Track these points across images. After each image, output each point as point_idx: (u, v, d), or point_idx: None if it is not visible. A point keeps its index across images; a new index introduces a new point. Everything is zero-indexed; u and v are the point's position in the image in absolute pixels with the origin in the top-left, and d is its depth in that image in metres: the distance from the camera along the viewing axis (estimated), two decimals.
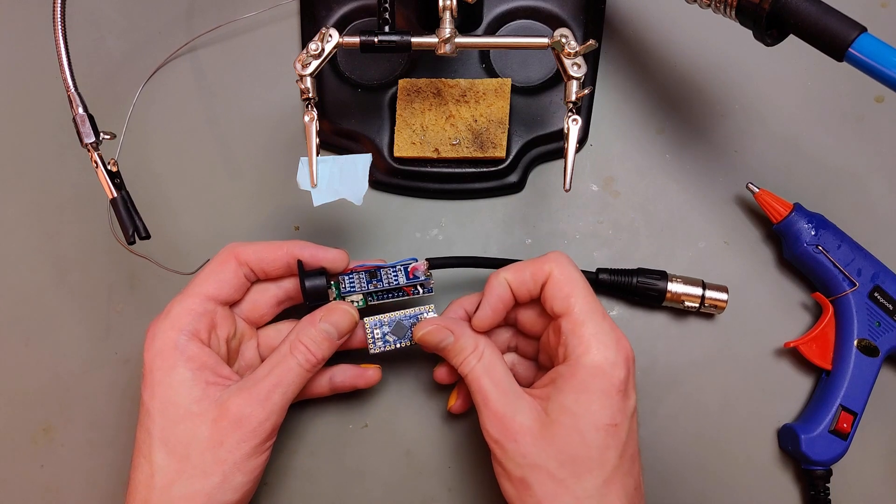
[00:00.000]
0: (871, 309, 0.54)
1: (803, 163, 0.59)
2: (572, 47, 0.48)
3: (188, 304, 0.48)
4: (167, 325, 0.48)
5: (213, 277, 0.49)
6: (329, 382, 0.53)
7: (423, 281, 0.52)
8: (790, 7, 0.44)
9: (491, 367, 0.48)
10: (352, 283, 0.52)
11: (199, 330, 0.48)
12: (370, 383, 0.54)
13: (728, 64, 0.61)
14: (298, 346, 0.49)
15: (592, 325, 0.46)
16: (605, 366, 0.45)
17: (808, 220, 0.54)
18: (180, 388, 0.46)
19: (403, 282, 0.52)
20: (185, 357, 0.47)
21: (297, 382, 0.49)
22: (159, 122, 0.61)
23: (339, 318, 0.50)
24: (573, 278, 0.48)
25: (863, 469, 0.55)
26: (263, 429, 0.47)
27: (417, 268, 0.52)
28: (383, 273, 0.52)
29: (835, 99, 0.61)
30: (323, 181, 0.50)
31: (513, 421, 0.46)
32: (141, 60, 0.62)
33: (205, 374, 0.47)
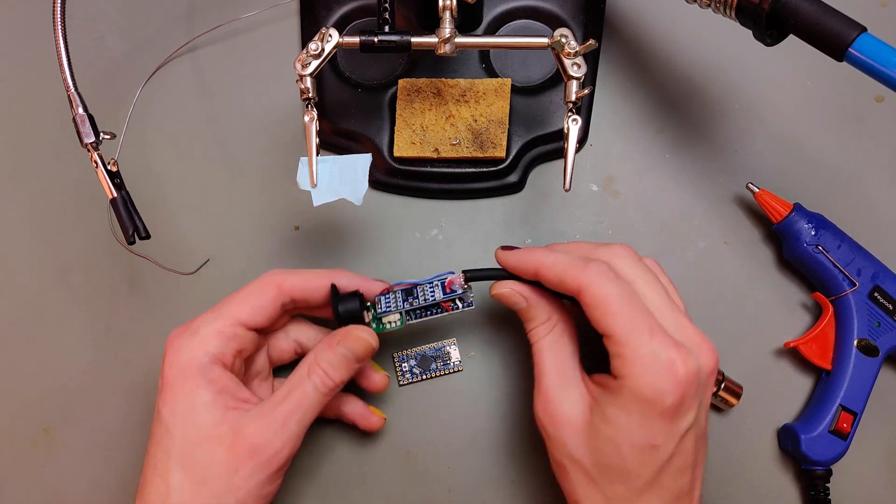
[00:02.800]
0: (871, 309, 0.54)
1: (803, 163, 0.59)
2: (572, 47, 0.48)
3: (219, 326, 0.48)
4: (194, 345, 0.47)
5: (249, 303, 0.48)
6: (338, 409, 0.53)
7: (461, 295, 0.50)
8: (790, 7, 0.44)
9: (557, 344, 0.47)
10: (388, 304, 0.51)
11: (224, 354, 0.47)
12: (371, 429, 0.54)
13: (728, 64, 0.61)
14: (316, 369, 0.48)
15: (636, 348, 0.42)
16: (650, 392, 0.42)
17: (808, 220, 0.54)
18: (202, 411, 0.46)
19: (440, 297, 0.50)
20: (207, 380, 0.46)
21: (315, 408, 0.47)
22: (159, 122, 0.61)
23: (354, 344, 0.49)
24: (607, 298, 0.43)
25: (863, 469, 0.55)
26: (279, 458, 0.46)
27: (454, 281, 0.50)
28: (419, 290, 0.51)
29: (835, 99, 0.61)
30: (323, 181, 0.50)
31: (559, 408, 0.45)
32: (141, 60, 0.62)
33: (225, 398, 0.47)
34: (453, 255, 0.58)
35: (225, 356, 0.47)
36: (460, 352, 0.56)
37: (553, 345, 0.47)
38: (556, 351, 0.47)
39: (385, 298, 0.51)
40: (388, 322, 0.51)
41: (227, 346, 0.47)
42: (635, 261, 0.47)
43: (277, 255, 0.58)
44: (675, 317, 0.45)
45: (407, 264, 0.58)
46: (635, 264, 0.46)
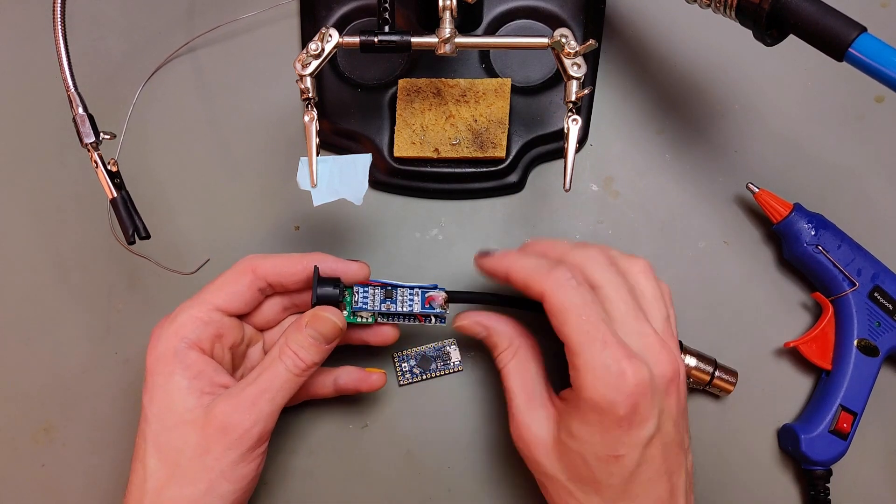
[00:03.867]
0: (871, 309, 0.54)
1: (803, 163, 0.59)
2: (572, 47, 0.48)
3: (194, 312, 0.48)
4: (171, 332, 0.47)
5: (225, 289, 0.49)
6: (333, 384, 0.53)
7: (437, 313, 0.51)
8: (790, 7, 0.44)
9: (521, 367, 0.49)
10: (364, 299, 0.50)
11: (201, 339, 0.48)
12: (374, 388, 0.53)
13: (728, 64, 0.61)
14: (286, 350, 0.48)
15: (589, 359, 0.43)
16: (602, 403, 0.42)
17: (808, 220, 0.54)
18: (176, 395, 0.46)
19: (417, 309, 0.51)
20: (183, 365, 0.47)
21: (287, 388, 0.47)
22: (159, 122, 0.61)
23: (322, 326, 0.48)
24: (566, 306, 0.44)
25: (863, 469, 0.55)
26: (250, 436, 0.46)
27: (435, 299, 0.50)
28: (399, 294, 0.51)
29: (835, 99, 0.61)
30: (323, 181, 0.50)
31: (529, 430, 0.47)
32: (141, 60, 0.62)
33: (201, 382, 0.47)
34: (453, 255, 0.58)
35: (201, 341, 0.48)
36: (460, 352, 0.56)
37: (517, 368, 0.49)
38: (520, 374, 0.48)
39: (364, 292, 0.51)
40: (360, 316, 0.51)
41: (204, 331, 0.48)
42: (606, 264, 0.47)
43: None
44: (637, 325, 0.45)
45: (407, 264, 0.58)
46: (606, 268, 0.46)
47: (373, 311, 0.50)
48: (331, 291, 0.49)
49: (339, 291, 0.49)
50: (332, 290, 0.49)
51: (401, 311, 0.51)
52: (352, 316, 0.51)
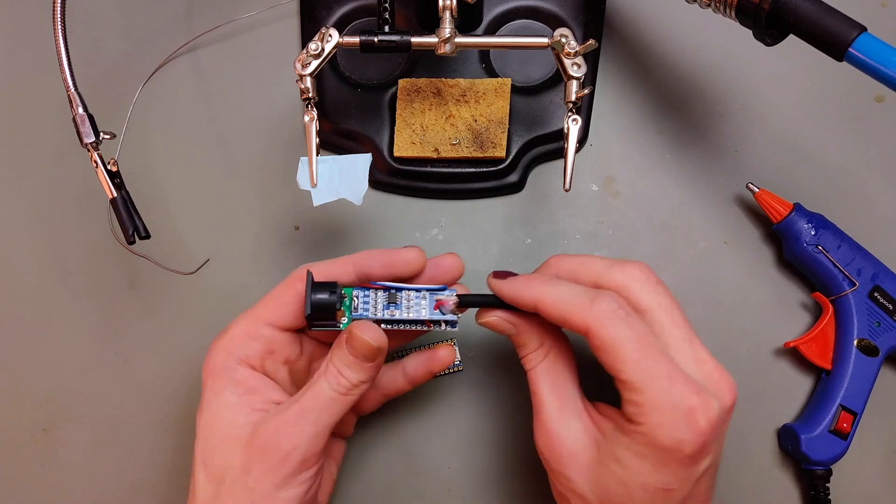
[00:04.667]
0: (870, 309, 0.54)
1: (803, 163, 0.59)
2: (572, 47, 0.48)
3: (244, 326, 0.46)
4: (220, 347, 0.46)
5: (275, 302, 0.47)
6: (404, 376, 0.51)
7: (448, 319, 0.46)
8: (790, 7, 0.44)
9: (552, 371, 0.44)
10: (366, 305, 0.46)
11: (249, 356, 0.46)
12: (444, 364, 0.50)
13: (728, 64, 0.61)
14: (330, 368, 0.45)
15: (653, 396, 0.39)
16: (668, 442, 0.39)
17: (808, 220, 0.54)
18: (224, 412, 0.45)
19: (426, 315, 0.46)
20: (233, 381, 0.45)
21: (332, 409, 0.44)
22: (159, 122, 0.61)
23: (357, 345, 0.44)
24: (619, 342, 0.40)
25: (863, 469, 0.55)
26: (291, 459, 0.43)
27: (445, 303, 0.46)
28: (404, 298, 0.46)
29: (835, 99, 0.61)
30: (323, 181, 0.50)
31: (561, 442, 0.43)
32: (141, 60, 0.62)
33: (252, 398, 0.45)
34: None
35: (250, 357, 0.46)
36: (460, 352, 0.56)
37: (548, 372, 0.44)
38: (552, 377, 0.44)
39: (364, 296, 0.46)
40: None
41: (252, 347, 0.46)
42: (653, 285, 0.43)
43: (277, 255, 0.58)
44: (692, 350, 0.42)
45: None
46: (653, 290, 0.43)
47: (375, 318, 0.46)
48: (325, 299, 0.45)
49: (335, 298, 0.45)
50: (326, 298, 0.45)
51: (406, 317, 0.46)
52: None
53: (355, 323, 0.45)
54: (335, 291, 0.45)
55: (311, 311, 0.45)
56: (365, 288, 0.47)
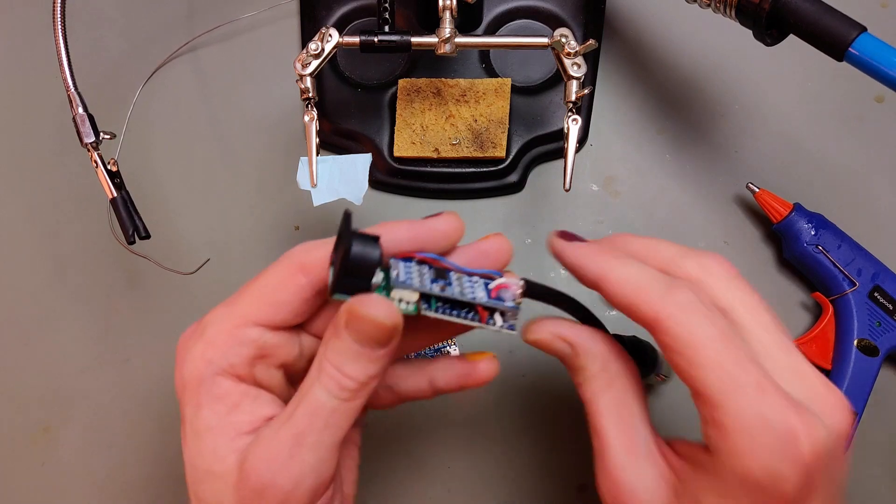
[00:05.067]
0: (871, 309, 0.54)
1: (803, 163, 0.59)
2: (572, 47, 0.48)
3: (226, 327, 0.36)
4: (197, 353, 0.35)
5: (266, 298, 0.36)
6: (430, 384, 0.40)
7: (508, 308, 0.36)
8: (790, 7, 0.44)
9: (620, 405, 0.36)
10: (408, 274, 0.35)
11: (234, 364, 0.35)
12: (482, 381, 0.40)
13: (728, 64, 0.61)
14: (326, 367, 0.34)
15: (738, 413, 0.30)
16: (761, 475, 0.30)
17: (808, 220, 0.54)
18: (205, 439, 0.35)
19: (482, 299, 0.35)
20: (211, 396, 0.35)
21: (336, 422, 0.34)
22: (159, 122, 0.61)
23: (363, 326, 0.33)
24: (697, 341, 0.32)
25: (863, 469, 0.55)
26: (295, 499, 0.34)
27: (506, 287, 0.36)
28: (454, 278, 0.36)
29: (835, 99, 0.61)
30: (323, 181, 0.50)
31: (631, 493, 0.34)
32: (141, 60, 0.62)
33: (237, 419, 0.35)
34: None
35: (236, 367, 0.35)
36: (460, 352, 0.56)
37: (613, 403, 0.36)
38: (618, 410, 0.35)
39: (406, 266, 0.36)
40: (400, 300, 0.35)
41: (238, 354, 0.35)
42: (733, 278, 0.37)
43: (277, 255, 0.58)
44: (789, 359, 0.33)
45: None
46: (733, 284, 0.36)
47: (422, 289, 0.35)
48: (366, 255, 0.33)
49: (377, 255, 0.33)
50: (370, 253, 0.33)
51: (459, 296, 0.35)
52: (387, 294, 0.35)
53: (357, 298, 0.33)
54: (376, 245, 0.34)
55: (338, 278, 0.34)
56: (407, 259, 0.36)
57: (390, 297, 0.34)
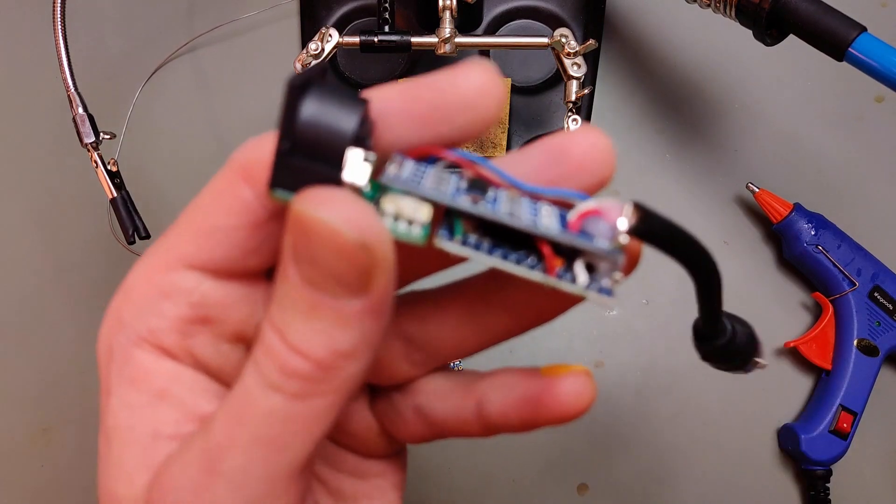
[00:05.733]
0: (871, 309, 0.54)
1: (803, 163, 0.59)
2: (572, 47, 0.48)
3: (145, 269, 0.23)
4: (110, 310, 0.23)
5: (197, 224, 0.24)
6: (478, 410, 0.26)
7: (601, 252, 0.20)
8: (790, 7, 0.44)
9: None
10: (418, 174, 0.21)
11: (157, 330, 0.23)
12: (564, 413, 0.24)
13: (728, 64, 0.61)
14: (265, 333, 0.21)
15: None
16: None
17: (808, 220, 0.54)
18: (112, 441, 0.23)
19: (554, 229, 0.20)
20: (123, 378, 0.23)
21: (276, 438, 0.20)
22: (159, 122, 0.61)
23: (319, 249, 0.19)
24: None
25: (863, 469, 0.55)
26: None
27: (601, 215, 0.21)
28: (504, 195, 0.21)
29: (835, 99, 0.61)
30: None
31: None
32: (141, 60, 0.62)
33: (158, 414, 0.23)
34: None
35: (160, 333, 0.23)
36: None
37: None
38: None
39: (417, 167, 0.21)
40: (397, 217, 0.20)
41: (162, 312, 0.23)
42: None
43: None
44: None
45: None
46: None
47: (436, 198, 0.20)
48: (333, 116, 0.20)
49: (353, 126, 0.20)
50: (337, 114, 0.20)
51: (508, 219, 0.20)
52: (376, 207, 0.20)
53: (306, 193, 0.19)
54: (359, 108, 0.20)
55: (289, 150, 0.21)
56: (425, 158, 0.22)
57: (380, 208, 0.20)
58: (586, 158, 0.22)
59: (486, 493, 0.55)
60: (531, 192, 0.22)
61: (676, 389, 0.56)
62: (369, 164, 0.20)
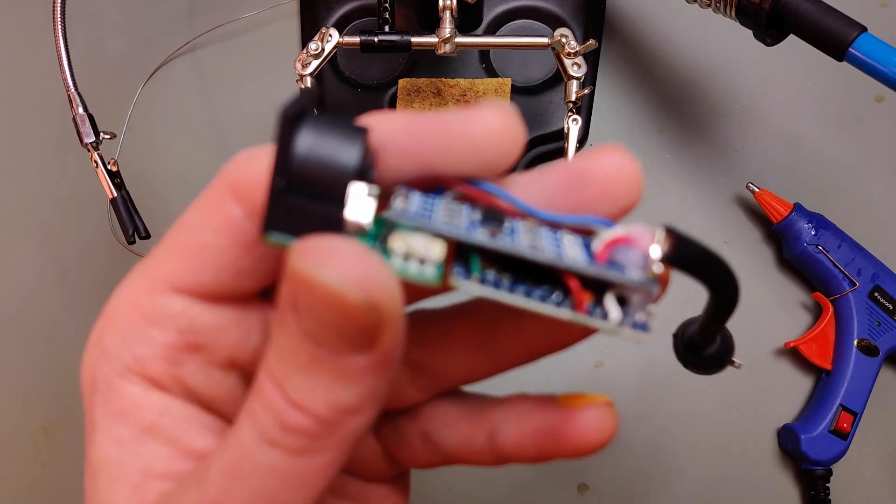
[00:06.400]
0: (871, 309, 0.54)
1: (803, 162, 0.59)
2: (572, 47, 0.48)
3: (130, 293, 0.22)
4: (93, 336, 0.22)
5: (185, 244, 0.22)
6: (490, 440, 0.24)
7: (633, 284, 0.19)
8: (790, 7, 0.44)
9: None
10: (427, 209, 0.19)
11: (144, 358, 0.21)
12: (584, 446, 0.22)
13: (728, 64, 0.61)
14: (263, 384, 0.19)
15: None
16: None
17: (808, 220, 0.54)
18: (99, 479, 0.21)
19: (580, 262, 0.19)
20: (109, 411, 0.21)
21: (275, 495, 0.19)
22: (159, 121, 0.61)
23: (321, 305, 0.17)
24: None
25: (863, 469, 0.55)
26: None
27: (630, 243, 0.19)
28: (521, 226, 0.20)
29: (835, 99, 0.61)
30: None
31: None
32: (141, 60, 0.62)
33: (148, 451, 0.21)
34: None
35: (147, 362, 0.21)
36: None
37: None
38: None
39: (426, 200, 0.20)
40: (407, 256, 0.19)
41: (149, 340, 0.21)
42: None
43: None
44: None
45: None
46: None
47: (449, 234, 0.19)
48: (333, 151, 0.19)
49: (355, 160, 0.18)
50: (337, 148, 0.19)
51: (530, 253, 0.19)
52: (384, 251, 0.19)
53: (305, 243, 0.18)
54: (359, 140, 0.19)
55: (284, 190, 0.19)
56: (433, 191, 0.20)
57: (387, 248, 0.19)
58: (611, 184, 0.21)
59: (486, 493, 0.55)
60: (551, 220, 0.20)
61: (676, 389, 0.56)
62: (373, 199, 0.18)
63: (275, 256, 0.21)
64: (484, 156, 0.20)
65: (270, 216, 0.18)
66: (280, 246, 0.19)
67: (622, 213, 0.21)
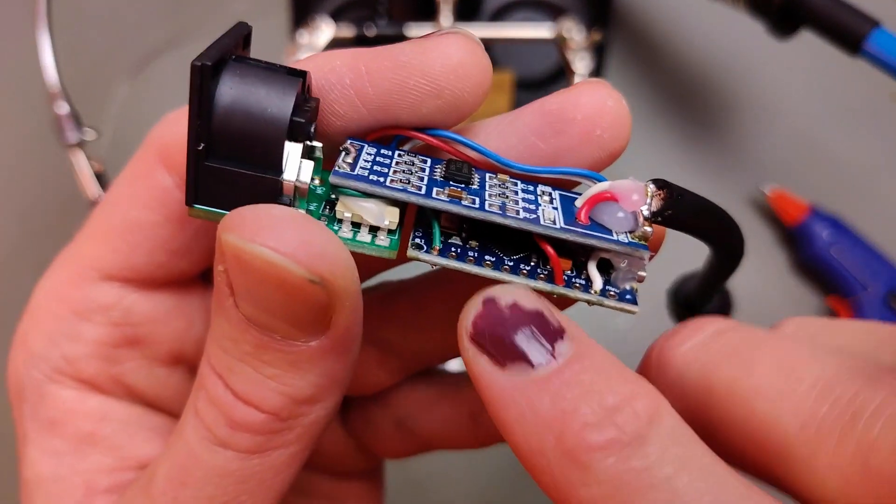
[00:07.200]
0: (886, 313, 0.53)
1: (818, 162, 0.58)
2: (577, 41, 0.48)
3: (53, 284, 0.22)
4: (17, 347, 0.22)
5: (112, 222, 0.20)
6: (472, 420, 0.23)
7: (618, 249, 0.19)
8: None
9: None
10: (380, 163, 0.17)
11: (76, 359, 0.20)
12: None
13: (739, 59, 0.60)
14: (205, 376, 0.17)
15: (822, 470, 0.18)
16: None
17: (823, 223, 0.54)
18: (35, 496, 0.21)
19: (557, 227, 0.17)
20: (40, 421, 0.20)
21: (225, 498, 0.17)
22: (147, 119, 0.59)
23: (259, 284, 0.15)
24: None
25: None
26: None
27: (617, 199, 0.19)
28: (491, 181, 0.18)
29: (849, 95, 0.60)
30: None
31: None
32: (127, 55, 0.61)
33: (88, 462, 0.19)
34: None
35: (79, 363, 0.20)
36: None
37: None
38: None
39: (378, 154, 0.18)
40: (355, 224, 0.17)
41: (79, 337, 0.20)
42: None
43: None
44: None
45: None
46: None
47: (407, 198, 0.16)
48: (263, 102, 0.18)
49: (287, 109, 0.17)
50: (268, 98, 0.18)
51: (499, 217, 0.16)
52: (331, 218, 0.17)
53: (236, 213, 0.16)
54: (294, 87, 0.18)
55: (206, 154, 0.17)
56: (385, 146, 0.18)
57: (336, 212, 0.16)
58: (594, 124, 0.19)
59: (486, 493, 0.54)
60: (525, 172, 0.18)
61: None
62: (314, 159, 0.16)
63: (214, 231, 0.17)
64: (445, 95, 0.17)
65: (194, 185, 0.16)
66: (211, 219, 0.16)
67: (608, 161, 0.19)
